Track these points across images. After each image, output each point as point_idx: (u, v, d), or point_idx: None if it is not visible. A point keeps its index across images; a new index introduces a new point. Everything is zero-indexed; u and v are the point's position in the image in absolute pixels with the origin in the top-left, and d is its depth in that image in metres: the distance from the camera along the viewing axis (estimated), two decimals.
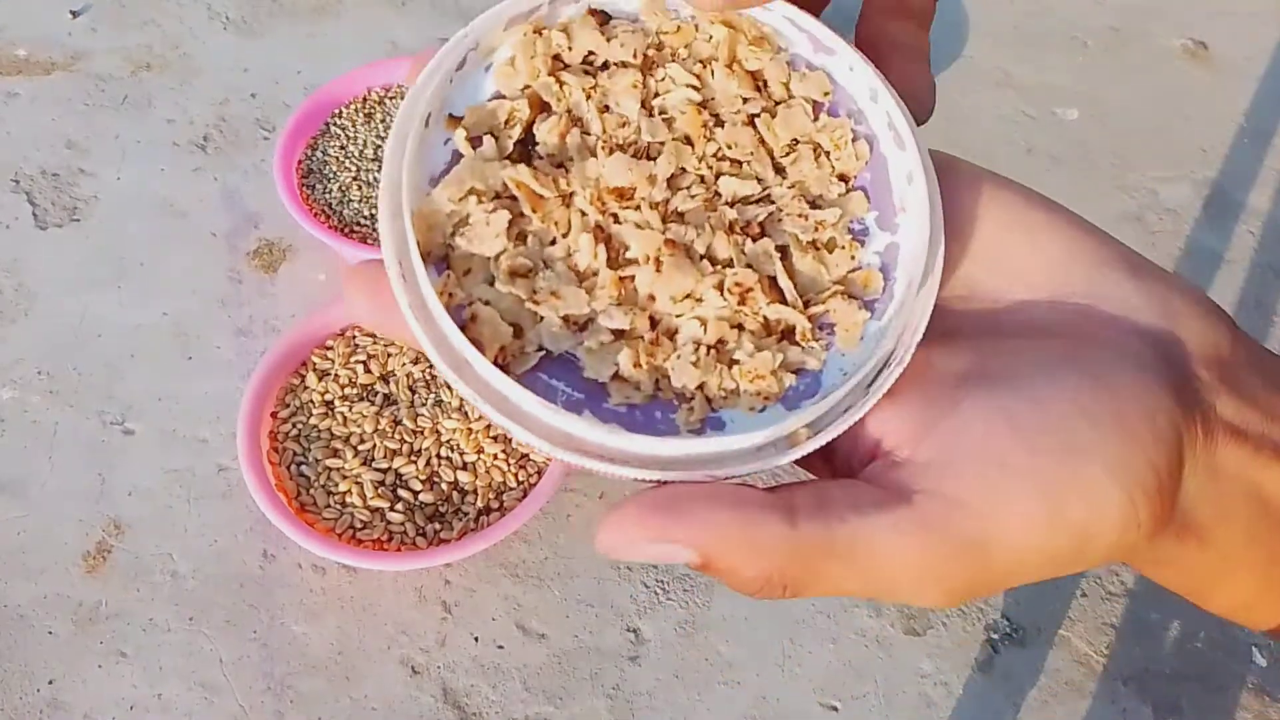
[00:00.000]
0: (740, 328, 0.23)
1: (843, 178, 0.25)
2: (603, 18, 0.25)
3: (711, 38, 0.25)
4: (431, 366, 0.75)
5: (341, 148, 0.88)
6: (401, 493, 0.69)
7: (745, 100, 0.25)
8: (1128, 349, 0.21)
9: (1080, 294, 0.23)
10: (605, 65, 0.25)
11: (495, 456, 0.71)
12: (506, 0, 0.24)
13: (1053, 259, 0.23)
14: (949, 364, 0.22)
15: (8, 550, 0.73)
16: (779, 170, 0.25)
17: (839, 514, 0.20)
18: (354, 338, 0.76)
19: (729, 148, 0.24)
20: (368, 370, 0.75)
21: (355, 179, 0.86)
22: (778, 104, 0.25)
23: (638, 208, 0.24)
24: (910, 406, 0.22)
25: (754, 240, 0.24)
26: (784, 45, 0.26)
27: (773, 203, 0.24)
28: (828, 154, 0.25)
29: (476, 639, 0.70)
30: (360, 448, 0.71)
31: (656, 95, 0.25)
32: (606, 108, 0.25)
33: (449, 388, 0.73)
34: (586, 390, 0.22)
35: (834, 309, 0.23)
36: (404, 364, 0.75)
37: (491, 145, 0.24)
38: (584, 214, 0.23)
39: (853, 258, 0.24)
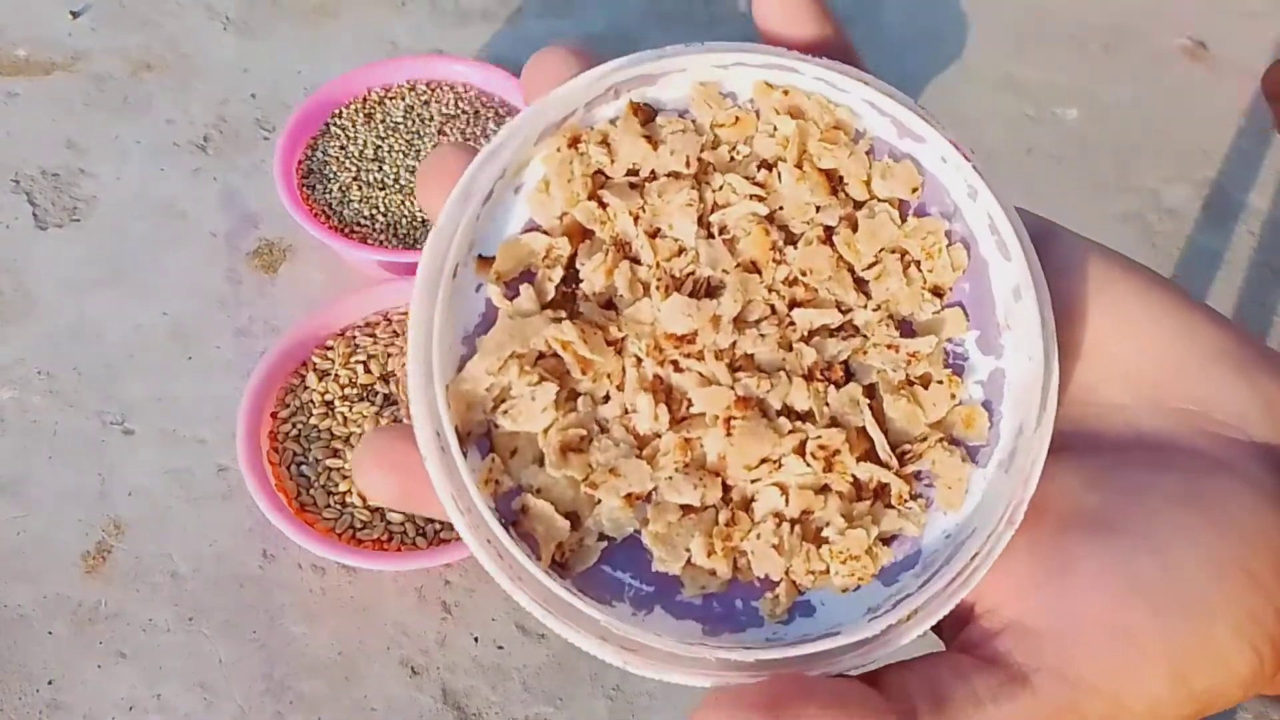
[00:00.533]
0: (826, 488, 0.20)
1: (937, 292, 0.21)
2: (647, 114, 0.22)
3: (776, 130, 0.22)
4: None
5: (341, 148, 0.87)
6: None
7: (819, 209, 0.21)
8: (1244, 473, 0.20)
9: (1188, 399, 0.21)
10: (654, 174, 0.22)
11: None
12: (533, 108, 0.21)
13: (1161, 359, 0.21)
14: (1055, 498, 0.20)
15: (7, 551, 0.73)
16: (861, 286, 0.21)
17: (957, 713, 0.18)
18: (354, 338, 0.76)
19: (803, 274, 0.21)
20: (368, 370, 0.74)
21: (355, 179, 0.86)
22: (858, 207, 0.22)
23: (701, 356, 0.20)
24: (1015, 559, 0.19)
25: (837, 387, 0.21)
26: (862, 130, 0.22)
27: (856, 331, 0.21)
28: (918, 263, 0.21)
29: (476, 639, 0.70)
30: None
31: (715, 209, 0.21)
32: (658, 231, 0.21)
33: None
34: (657, 582, 0.20)
35: (934, 460, 0.20)
36: (404, 364, 0.75)
37: (530, 297, 0.20)
38: (640, 362, 0.20)
39: (953, 395, 0.21)
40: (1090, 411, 0.21)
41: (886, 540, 0.20)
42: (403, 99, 0.90)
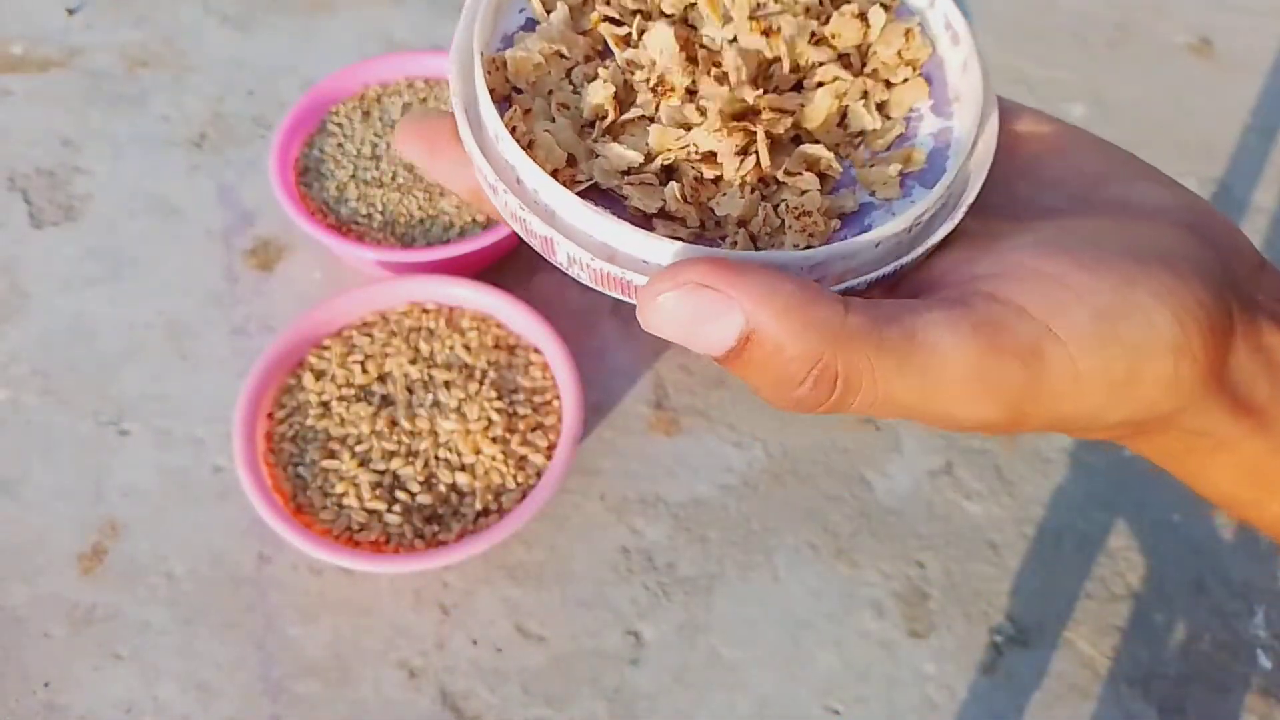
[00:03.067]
0: (779, 183, 0.23)
1: (911, 64, 0.26)
2: None
3: None
4: (430, 365, 0.74)
5: (339, 145, 0.87)
6: (399, 494, 0.69)
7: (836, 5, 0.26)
8: (1171, 231, 0.22)
9: (1117, 200, 0.23)
10: None
11: (494, 458, 0.70)
12: None
13: (1088, 169, 0.24)
14: (993, 228, 0.23)
15: (2, 552, 0.72)
16: (865, 56, 0.26)
17: (891, 313, 0.19)
18: (350, 337, 0.76)
19: (834, 36, 0.25)
20: (365, 370, 0.74)
21: (353, 177, 0.85)
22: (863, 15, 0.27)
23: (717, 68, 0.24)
24: (957, 251, 0.22)
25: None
26: None
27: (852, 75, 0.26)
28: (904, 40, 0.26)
29: (475, 642, 0.69)
30: (357, 449, 0.71)
31: None
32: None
33: (447, 386, 0.73)
34: (632, 224, 0.22)
35: (880, 159, 0.24)
36: (401, 364, 0.74)
37: (565, 13, 0.24)
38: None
39: (906, 120, 0.25)
40: (1022, 208, 0.24)
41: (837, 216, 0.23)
42: (400, 96, 0.89)
